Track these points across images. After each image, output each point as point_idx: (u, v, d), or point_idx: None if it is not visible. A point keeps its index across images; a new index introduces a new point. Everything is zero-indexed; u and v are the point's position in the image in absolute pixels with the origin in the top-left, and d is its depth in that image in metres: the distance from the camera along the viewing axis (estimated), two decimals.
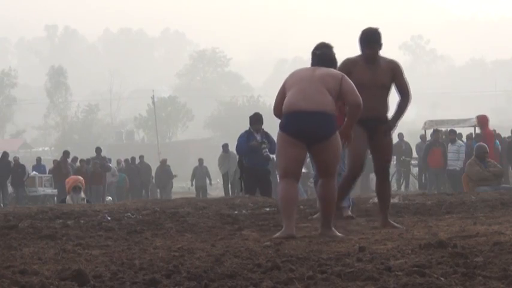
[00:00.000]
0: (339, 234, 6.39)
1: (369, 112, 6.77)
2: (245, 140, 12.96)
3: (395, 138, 26.13)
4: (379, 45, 6.89)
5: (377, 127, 6.95)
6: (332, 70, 6.67)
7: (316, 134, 6.41)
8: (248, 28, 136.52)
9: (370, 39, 6.89)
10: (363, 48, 7.05)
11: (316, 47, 7.12)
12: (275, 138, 7.03)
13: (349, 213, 8.52)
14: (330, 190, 6.51)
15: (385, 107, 7.01)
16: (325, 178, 6.54)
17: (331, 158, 6.47)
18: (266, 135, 12.97)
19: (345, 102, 6.57)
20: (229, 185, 24.08)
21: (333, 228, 6.50)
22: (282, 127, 6.55)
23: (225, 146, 24.96)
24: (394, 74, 6.87)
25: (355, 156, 6.98)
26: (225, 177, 24.52)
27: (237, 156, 14.04)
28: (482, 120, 19.35)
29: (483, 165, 13.88)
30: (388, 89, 6.95)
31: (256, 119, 12.96)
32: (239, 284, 3.94)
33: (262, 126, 13.07)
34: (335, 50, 8.24)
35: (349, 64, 6.96)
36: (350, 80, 6.52)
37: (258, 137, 12.83)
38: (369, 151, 7.22)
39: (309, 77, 6.55)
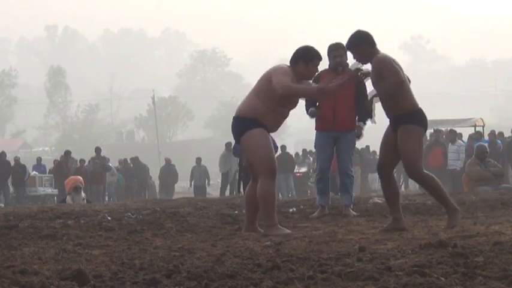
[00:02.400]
0: (286, 231, 6.45)
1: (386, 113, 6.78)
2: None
3: None
4: (351, 49, 6.80)
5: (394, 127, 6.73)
6: (273, 67, 6.71)
7: (234, 137, 6.75)
8: (248, 28, 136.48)
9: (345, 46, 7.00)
10: None
11: None
12: (276, 138, 7.12)
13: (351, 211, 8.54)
14: (260, 189, 6.57)
15: (391, 106, 6.63)
16: (258, 177, 6.65)
17: (248, 157, 6.67)
18: None
19: None
20: (228, 185, 23.94)
21: (278, 226, 6.56)
22: None
23: (229, 145, 24.52)
24: (376, 70, 6.66)
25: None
26: (225, 176, 24.29)
27: None
28: None
29: (483, 165, 13.88)
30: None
31: None
32: (239, 283, 3.94)
33: None
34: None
35: None
36: (281, 71, 6.52)
37: None
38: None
39: None
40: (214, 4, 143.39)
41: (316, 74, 7.55)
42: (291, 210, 9.26)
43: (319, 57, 6.72)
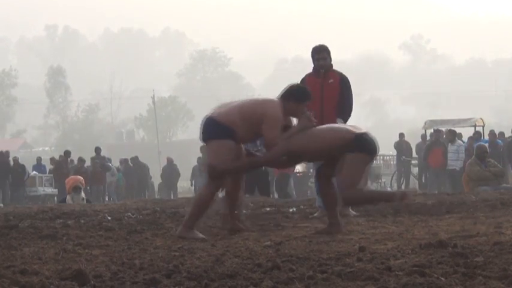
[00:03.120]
0: (199, 236, 6.47)
1: None
2: None
3: (396, 137, 26.14)
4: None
5: None
6: (267, 105, 6.65)
7: (201, 135, 6.80)
8: (248, 28, 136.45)
9: None
10: None
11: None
12: None
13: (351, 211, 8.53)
14: (199, 192, 6.81)
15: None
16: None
17: (208, 160, 6.74)
18: None
19: None
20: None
21: (195, 230, 6.58)
22: None
23: None
24: None
25: None
26: None
27: None
28: None
29: (483, 165, 13.88)
30: None
31: None
32: (239, 283, 3.94)
33: None
34: (332, 52, 8.53)
35: None
36: (274, 123, 6.53)
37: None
38: None
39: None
40: (214, 4, 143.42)
41: (301, 78, 8.26)
42: (291, 210, 9.26)
43: (309, 98, 6.84)
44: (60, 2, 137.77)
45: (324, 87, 8.46)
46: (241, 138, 6.68)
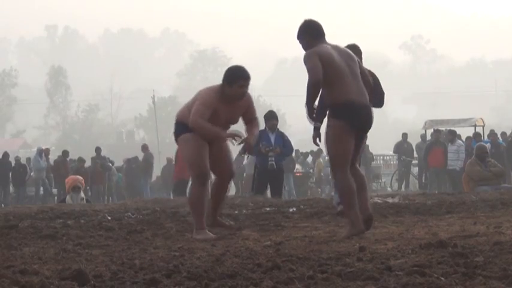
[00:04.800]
0: (212, 236, 6.50)
1: None
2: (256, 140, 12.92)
3: (398, 137, 26.00)
4: (298, 40, 6.79)
5: None
6: (203, 90, 6.97)
7: None
8: (248, 28, 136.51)
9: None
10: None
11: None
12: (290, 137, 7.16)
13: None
14: (188, 194, 6.95)
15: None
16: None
17: (184, 161, 6.96)
18: (281, 136, 12.89)
19: None
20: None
21: (206, 231, 6.63)
22: None
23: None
24: None
25: None
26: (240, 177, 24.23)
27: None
28: None
29: (483, 165, 13.87)
30: None
31: (270, 116, 12.86)
32: (239, 283, 3.94)
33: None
34: None
35: None
36: (203, 100, 6.69)
37: (272, 138, 12.71)
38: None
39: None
40: (214, 4, 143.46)
41: None
42: (291, 210, 9.26)
43: (242, 78, 6.77)
44: (60, 2, 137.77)
45: None
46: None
